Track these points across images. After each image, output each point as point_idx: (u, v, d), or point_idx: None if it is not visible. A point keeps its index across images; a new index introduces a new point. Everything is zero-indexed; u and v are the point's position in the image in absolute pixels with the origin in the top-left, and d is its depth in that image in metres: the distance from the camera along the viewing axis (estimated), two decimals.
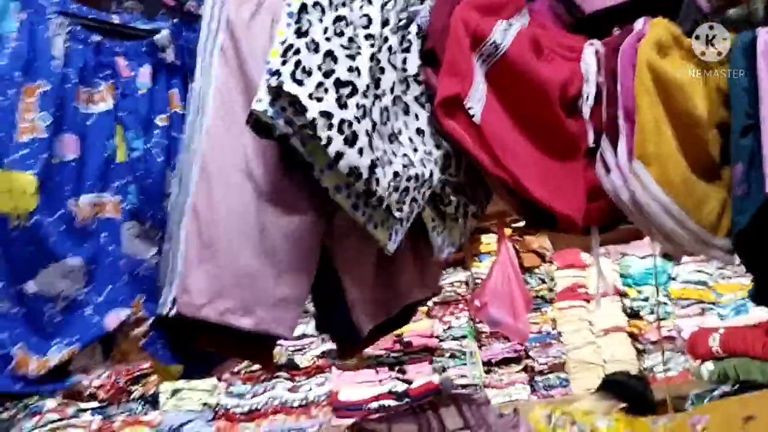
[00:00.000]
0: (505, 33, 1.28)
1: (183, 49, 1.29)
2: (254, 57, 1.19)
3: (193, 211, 1.15)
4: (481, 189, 1.41)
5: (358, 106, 1.06)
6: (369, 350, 4.04)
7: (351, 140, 1.05)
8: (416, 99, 1.26)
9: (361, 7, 1.14)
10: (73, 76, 1.14)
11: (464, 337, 4.00)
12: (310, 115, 1.02)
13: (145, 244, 1.21)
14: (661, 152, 1.30)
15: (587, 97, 1.37)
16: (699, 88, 1.38)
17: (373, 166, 1.07)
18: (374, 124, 1.11)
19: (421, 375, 3.96)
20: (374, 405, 3.75)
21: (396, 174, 1.13)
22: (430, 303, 4.11)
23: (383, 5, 1.18)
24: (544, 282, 4.21)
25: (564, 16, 1.52)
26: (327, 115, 1.03)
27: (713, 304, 4.13)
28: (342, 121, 1.04)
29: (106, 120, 1.18)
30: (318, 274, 1.26)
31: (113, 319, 1.15)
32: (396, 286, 1.35)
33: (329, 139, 1.03)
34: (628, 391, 3.28)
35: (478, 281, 3.97)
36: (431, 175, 1.22)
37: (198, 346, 1.19)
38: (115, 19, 1.25)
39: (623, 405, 3.10)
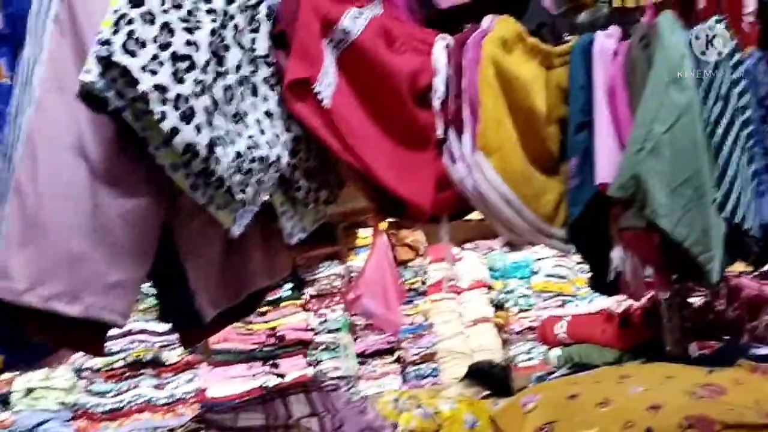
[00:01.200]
0: (355, 20, 1.29)
1: (14, 16, 1.20)
2: (92, 28, 1.12)
3: (16, 188, 1.07)
4: (333, 175, 1.41)
5: (196, 81, 1.03)
6: (240, 345, 3.98)
7: (188, 116, 1.01)
8: (265, 80, 1.24)
9: None
10: None
11: (339, 329, 4.01)
12: (142, 87, 0.98)
13: None
14: (501, 144, 1.36)
15: (437, 89, 1.41)
16: (540, 85, 1.45)
17: (212, 145, 1.05)
18: (216, 102, 1.08)
19: (294, 368, 3.94)
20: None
21: (239, 154, 1.11)
22: (306, 296, 4.11)
23: None
24: (417, 275, 4.31)
25: (419, 10, 1.55)
26: (161, 89, 0.99)
27: (572, 296, 4.38)
28: (178, 96, 1.01)
29: None
30: (159, 258, 1.21)
31: None
32: (243, 271, 1.33)
33: (163, 114, 0.99)
34: (491, 379, 3.41)
35: (354, 274, 4.00)
36: (279, 158, 1.21)
37: (25, 335, 1.11)
38: None
39: (487, 392, 3.22)
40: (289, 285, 4.01)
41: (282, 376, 3.88)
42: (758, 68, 1.84)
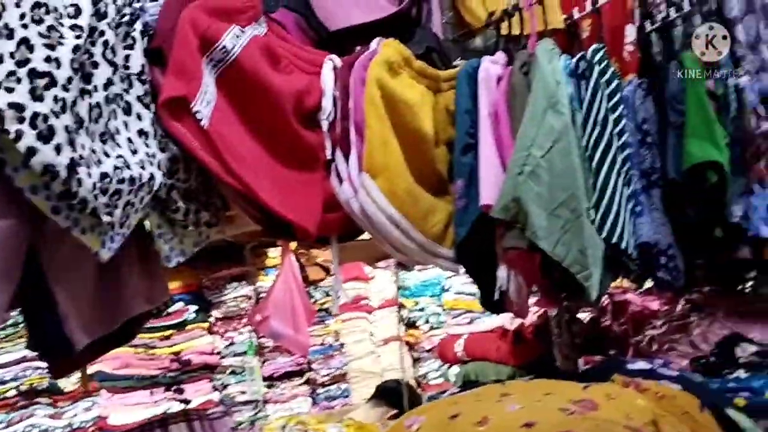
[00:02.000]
0: (236, 39, 1.27)
1: None
2: None
3: None
4: (216, 196, 1.38)
5: (56, 99, 0.98)
6: (143, 370, 3.82)
7: (46, 136, 0.97)
8: (140, 99, 1.20)
9: None
10: None
11: (245, 352, 3.92)
12: None
13: None
14: (387, 165, 1.37)
15: (325, 110, 1.41)
16: (427, 107, 1.48)
17: (73, 165, 1.00)
18: (80, 121, 1.03)
19: (200, 394, 3.80)
20: None
21: (104, 175, 1.06)
22: (211, 319, 3.99)
23: None
24: (328, 295, 4.27)
25: (309, 32, 1.55)
26: (17, 107, 0.94)
27: (481, 313, 4.46)
28: (35, 115, 0.96)
29: None
30: (27, 283, 1.14)
31: None
32: (118, 297, 1.27)
33: (19, 134, 0.94)
34: (399, 399, 3.42)
35: (263, 296, 3.94)
36: (152, 178, 1.17)
37: None
38: None
39: (394, 411, 3.22)
40: (195, 307, 3.89)
41: (187, 401, 3.75)
42: (636, 95, 1.94)
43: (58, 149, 0.98)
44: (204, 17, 1.24)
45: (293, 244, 1.54)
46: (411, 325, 4.48)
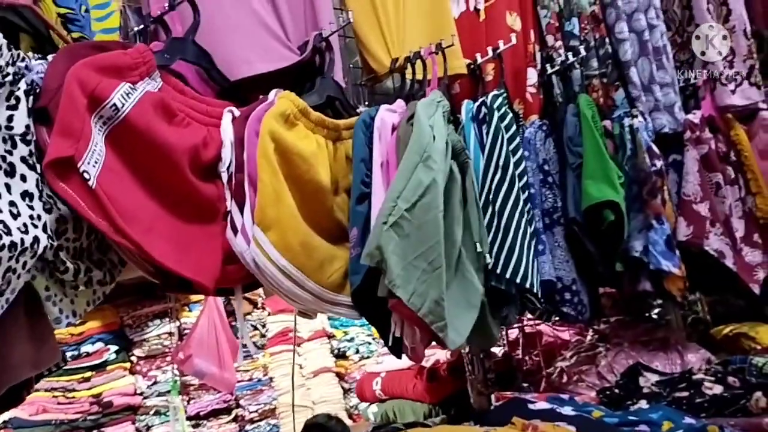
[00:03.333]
0: (127, 96, 1.25)
1: None
2: None
3: None
4: (112, 252, 1.35)
5: None
6: (61, 415, 3.67)
7: None
8: (24, 159, 1.17)
9: None
10: None
11: (169, 391, 3.82)
12: None
13: None
14: (280, 218, 1.37)
15: (224, 161, 1.40)
16: (324, 158, 1.49)
17: None
18: None
19: None
20: None
21: None
22: (133, 358, 3.87)
23: None
24: (256, 329, 4.22)
25: (211, 83, 1.55)
26: None
27: None
28: None
29: None
30: None
31: None
32: (4, 364, 1.22)
33: None
34: None
35: (188, 332, 3.85)
36: (36, 241, 1.13)
37: None
38: None
39: None
40: (115, 347, 3.78)
41: None
42: (537, 136, 2.01)
43: None
44: (92, 75, 1.22)
45: None
46: (341, 355, 4.46)
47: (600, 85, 2.13)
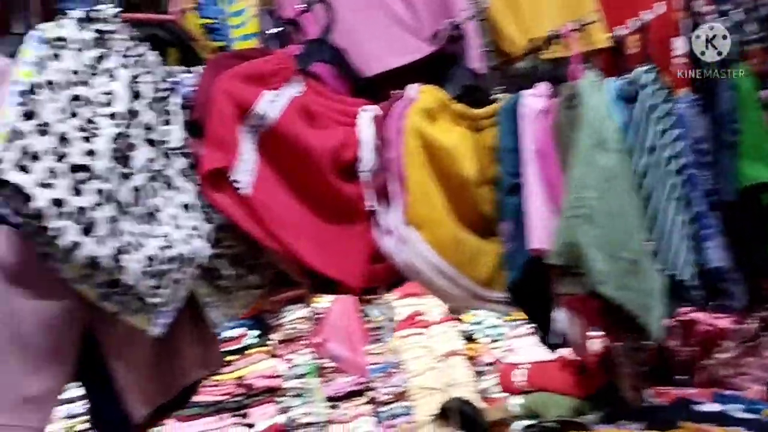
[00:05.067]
0: (271, 103, 1.26)
1: None
2: None
3: None
4: (264, 256, 1.37)
5: (96, 191, 0.99)
6: (209, 396, 3.90)
7: (88, 229, 0.98)
8: (182, 172, 1.21)
9: (105, 83, 1.07)
10: None
11: (307, 374, 3.95)
12: (36, 204, 0.94)
13: None
14: (430, 216, 1.34)
15: (364, 161, 1.39)
16: (468, 150, 1.44)
17: (117, 254, 1.01)
18: (122, 207, 1.04)
19: (264, 417, 3.86)
20: None
21: (151, 258, 1.07)
22: (272, 342, 4.04)
23: (133, 79, 1.12)
24: (384, 312, 4.27)
25: (344, 80, 1.54)
26: (58, 203, 0.96)
27: None
28: (77, 210, 0.97)
29: None
30: (86, 361, 1.17)
31: None
32: (174, 366, 1.28)
33: (61, 230, 0.96)
34: (464, 418, 3.39)
35: (320, 317, 3.96)
36: (199, 252, 1.17)
37: None
38: None
39: (460, 431, 3.21)
40: (255, 332, 3.95)
41: (251, 425, 3.81)
42: (689, 112, 1.85)
43: (101, 241, 0.99)
44: (238, 85, 1.23)
45: None
46: (470, 338, 4.42)
47: (759, 51, 1.92)
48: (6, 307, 1.06)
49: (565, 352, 2.10)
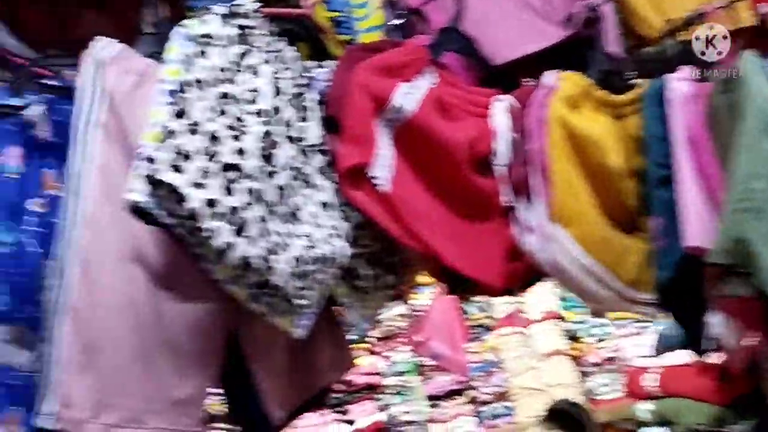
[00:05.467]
0: (407, 95, 1.21)
1: (59, 124, 1.16)
2: (138, 131, 1.09)
3: (72, 310, 1.03)
4: (397, 256, 1.32)
5: (247, 191, 0.97)
6: None
7: (240, 229, 0.95)
8: (319, 170, 1.17)
9: (249, 80, 1.04)
10: None
11: (406, 372, 3.92)
12: (190, 204, 0.92)
13: (18, 348, 1.08)
14: (579, 212, 1.25)
15: (499, 154, 1.32)
16: (612, 138, 1.34)
17: (268, 255, 0.98)
18: (269, 206, 1.02)
19: (364, 414, 3.86)
20: None
21: (297, 259, 1.04)
22: (372, 339, 4.03)
23: (274, 75, 1.09)
24: (483, 310, 4.18)
25: (475, 69, 1.47)
26: (211, 203, 0.94)
27: (650, 322, 4.16)
28: (230, 209, 0.95)
29: None
30: (227, 363, 1.15)
31: None
32: (311, 369, 1.26)
33: (215, 230, 0.93)
34: (571, 420, 3.27)
35: (418, 313, 3.92)
36: (340, 252, 1.13)
37: None
38: None
39: None
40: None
41: (351, 422, 3.82)
42: None
43: (252, 241, 0.96)
44: (373, 78, 1.19)
45: None
46: (573, 337, 4.26)
47: None
48: (155, 310, 1.06)
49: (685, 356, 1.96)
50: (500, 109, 1.34)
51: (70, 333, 1.02)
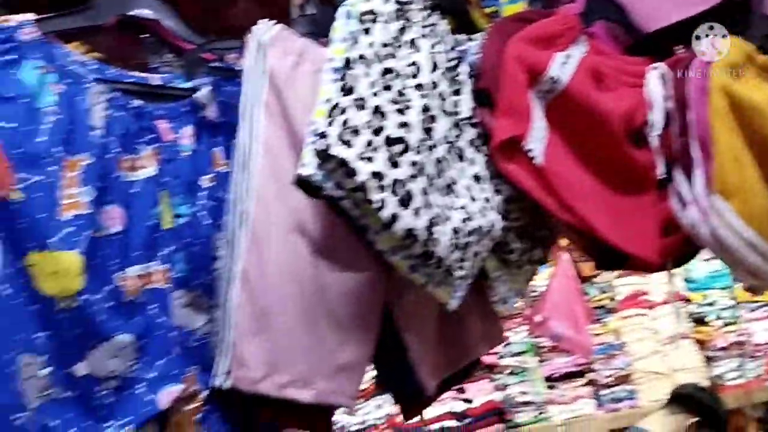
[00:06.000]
0: (563, 66, 1.19)
1: (224, 104, 1.24)
2: (299, 109, 1.14)
3: (244, 277, 1.10)
4: (546, 230, 1.32)
5: (411, 163, 0.99)
6: None
7: (406, 201, 0.98)
8: (471, 143, 1.18)
9: (409, 54, 1.06)
10: (114, 145, 1.10)
11: (524, 352, 3.88)
12: (360, 178, 0.95)
13: (195, 313, 1.16)
14: (742, 184, 1.19)
15: (654, 125, 1.27)
16: None
17: (430, 226, 1.00)
18: (430, 180, 1.04)
19: (481, 393, 3.86)
20: (435, 426, 3.68)
21: (456, 231, 1.06)
22: None
23: (431, 49, 1.10)
24: (604, 291, 4.07)
25: (622, 37, 1.42)
26: (378, 176, 0.97)
27: None
28: (395, 182, 0.97)
29: (150, 187, 1.14)
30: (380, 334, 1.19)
31: (166, 396, 1.10)
32: (461, 341, 1.28)
33: (382, 202, 0.96)
34: (698, 404, 3.13)
35: (534, 293, 3.86)
36: (493, 225, 1.14)
37: (260, 419, 1.14)
38: (155, 80, 1.21)
39: (695, 419, 2.97)
40: None
41: (469, 401, 3.83)
42: None
43: (416, 212, 0.99)
44: (528, 49, 1.18)
45: (564, 240, 1.46)
46: (700, 321, 4.08)
47: None
48: (317, 281, 1.10)
49: None
50: (655, 78, 1.29)
51: (243, 300, 1.08)
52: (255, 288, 1.09)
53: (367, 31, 1.03)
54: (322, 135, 0.97)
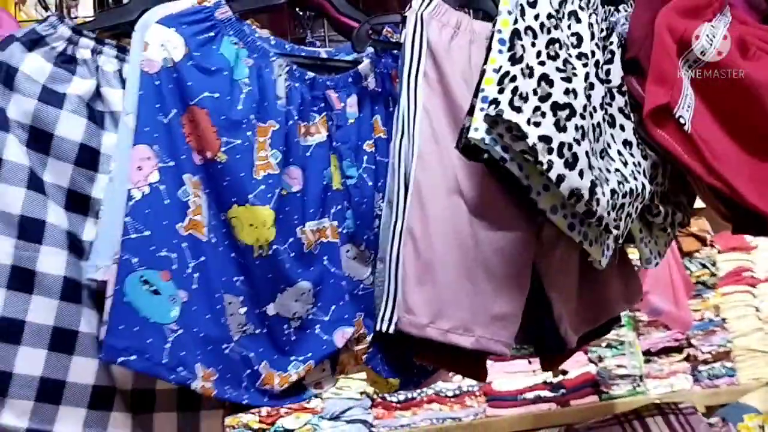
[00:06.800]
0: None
1: (382, 75, 1.34)
2: (455, 79, 1.23)
3: (409, 233, 1.20)
4: (683, 195, 1.37)
5: (576, 128, 1.07)
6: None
7: (571, 163, 1.06)
8: (621, 110, 1.24)
9: (570, 26, 1.14)
10: (294, 113, 1.23)
11: (622, 326, 3.88)
12: (530, 140, 1.04)
13: (361, 265, 1.28)
14: None
15: None
16: None
17: (593, 187, 1.08)
18: (591, 144, 1.11)
19: (577, 365, 3.89)
20: (529, 395, 3.75)
21: (613, 192, 1.13)
22: None
23: (589, 20, 1.17)
24: (705, 267, 4.00)
25: (761, 5, 1.44)
26: (546, 139, 1.05)
27: None
28: (561, 144, 1.05)
29: (322, 151, 1.26)
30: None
31: (340, 336, 1.23)
32: (601, 298, 1.35)
33: (550, 164, 1.05)
34: None
35: (635, 268, 3.83)
36: (643, 187, 1.21)
37: (418, 360, 1.26)
38: (323, 54, 1.33)
39: None
40: None
41: (564, 372, 3.87)
42: None
43: (581, 174, 1.06)
44: (678, 19, 1.22)
45: None
46: None
47: None
48: (473, 237, 1.19)
49: None
50: None
51: (410, 254, 1.19)
52: (420, 243, 1.19)
53: (532, 3, 1.10)
54: (494, 102, 1.05)
